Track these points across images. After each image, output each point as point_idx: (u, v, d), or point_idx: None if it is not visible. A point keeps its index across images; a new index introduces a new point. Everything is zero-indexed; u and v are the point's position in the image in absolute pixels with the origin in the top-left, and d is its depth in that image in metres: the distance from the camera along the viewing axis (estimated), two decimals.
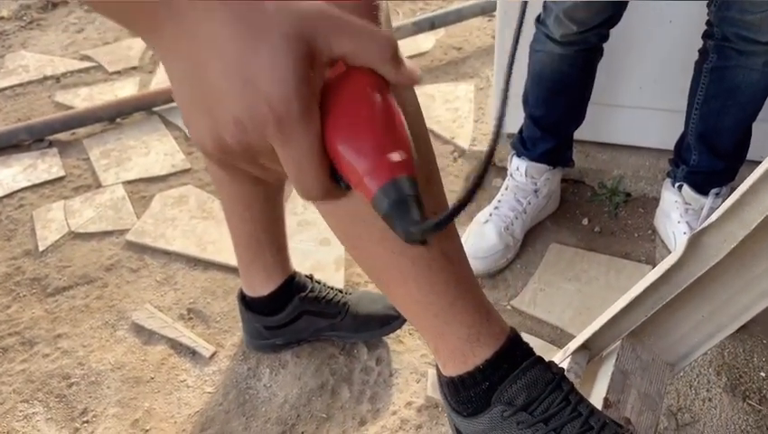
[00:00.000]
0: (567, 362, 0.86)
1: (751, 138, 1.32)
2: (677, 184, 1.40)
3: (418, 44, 2.18)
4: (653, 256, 1.45)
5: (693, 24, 1.32)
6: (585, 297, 1.36)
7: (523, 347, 0.72)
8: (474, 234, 1.42)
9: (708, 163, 1.34)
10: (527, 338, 0.74)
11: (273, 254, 1.14)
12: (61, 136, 1.86)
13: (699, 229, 0.73)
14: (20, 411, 1.20)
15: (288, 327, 1.22)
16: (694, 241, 0.74)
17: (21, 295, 1.41)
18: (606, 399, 0.79)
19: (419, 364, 1.24)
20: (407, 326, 1.28)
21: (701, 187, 1.37)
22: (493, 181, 1.65)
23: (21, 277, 1.45)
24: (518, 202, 1.47)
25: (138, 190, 1.69)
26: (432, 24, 2.14)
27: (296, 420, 1.16)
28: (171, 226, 1.56)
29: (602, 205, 1.59)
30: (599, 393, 0.80)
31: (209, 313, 1.36)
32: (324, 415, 1.17)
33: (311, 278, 1.23)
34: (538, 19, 1.36)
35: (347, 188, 0.40)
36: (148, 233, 1.54)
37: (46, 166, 1.76)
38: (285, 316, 1.20)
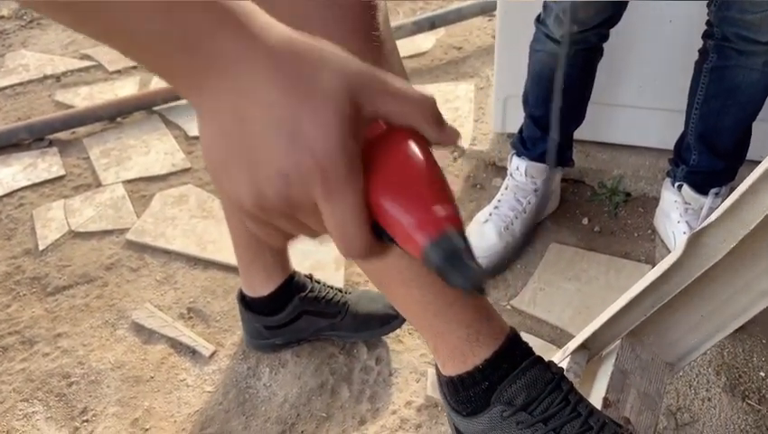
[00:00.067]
0: (567, 361, 0.86)
1: (751, 138, 1.32)
2: (676, 184, 1.40)
3: (418, 44, 2.18)
4: (653, 255, 1.45)
5: (693, 24, 1.32)
6: (585, 297, 1.36)
7: (523, 347, 0.72)
8: (474, 234, 1.42)
9: (708, 162, 1.34)
10: (526, 338, 0.74)
11: (273, 254, 1.15)
12: (62, 135, 1.86)
13: (699, 228, 0.73)
14: (20, 410, 1.20)
15: (288, 327, 1.22)
16: (693, 241, 0.74)
17: (21, 294, 1.42)
18: (606, 398, 0.79)
19: (419, 364, 1.24)
20: (407, 326, 1.28)
21: (701, 187, 1.37)
22: (493, 180, 1.65)
23: (21, 276, 1.45)
24: (518, 201, 1.47)
25: (138, 189, 1.69)
26: (432, 24, 2.14)
27: (296, 420, 1.16)
28: (171, 225, 1.56)
29: (602, 205, 1.59)
30: (598, 393, 0.81)
31: (209, 312, 1.36)
32: (324, 414, 1.17)
33: (310, 278, 1.23)
34: (538, 19, 1.36)
35: (390, 243, 0.40)
36: (148, 232, 1.54)
37: (46, 165, 1.76)
38: (285, 316, 1.20)
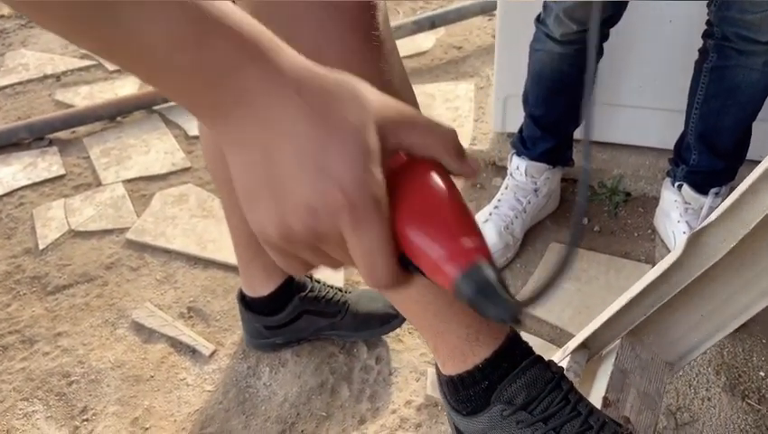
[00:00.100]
0: (567, 361, 0.86)
1: (751, 138, 1.32)
2: (676, 184, 1.40)
3: (419, 43, 2.18)
4: (653, 255, 1.45)
5: (693, 24, 1.32)
6: (585, 297, 1.36)
7: (522, 346, 0.72)
8: None
9: (708, 162, 1.34)
10: (526, 337, 0.74)
11: None
12: (62, 134, 1.86)
13: (699, 228, 0.73)
14: (20, 409, 1.20)
15: (288, 327, 1.22)
16: (693, 241, 0.74)
17: (21, 293, 1.42)
18: (606, 398, 0.79)
19: (419, 363, 1.24)
20: (407, 325, 1.28)
21: (701, 187, 1.37)
22: (493, 180, 1.65)
23: (21, 275, 1.45)
24: (517, 201, 1.47)
25: (138, 188, 1.69)
26: (432, 23, 2.14)
27: (296, 419, 1.17)
28: (171, 225, 1.56)
29: (602, 205, 1.59)
30: (598, 392, 0.81)
31: (209, 311, 1.36)
32: (324, 413, 1.17)
33: (310, 278, 1.23)
34: (538, 18, 1.36)
35: (416, 272, 0.41)
36: (148, 232, 1.55)
37: (46, 165, 1.76)
38: (285, 316, 1.20)
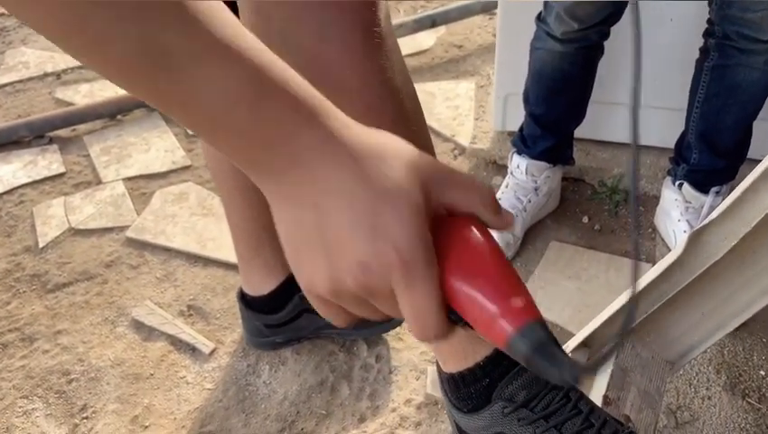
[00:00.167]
0: None
1: (751, 137, 1.32)
2: (677, 183, 1.40)
3: (419, 42, 2.17)
4: (653, 254, 1.45)
5: (694, 23, 1.32)
6: (585, 295, 1.36)
7: None
8: None
9: (709, 161, 1.34)
10: None
11: (273, 252, 1.14)
12: (62, 132, 1.86)
13: (700, 226, 0.73)
14: (19, 407, 1.20)
15: (288, 325, 1.22)
16: (694, 239, 0.74)
17: (21, 291, 1.41)
18: (606, 396, 0.79)
19: (419, 362, 1.24)
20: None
21: (702, 186, 1.37)
22: (493, 179, 1.65)
23: (21, 273, 1.45)
24: (518, 199, 1.47)
25: (138, 186, 1.68)
26: (433, 22, 2.14)
27: (296, 417, 1.16)
28: (171, 223, 1.56)
29: (602, 203, 1.59)
30: (599, 390, 0.80)
31: (209, 309, 1.36)
32: (324, 412, 1.17)
33: None
34: (539, 17, 1.36)
35: (464, 326, 0.42)
36: (148, 230, 1.54)
37: (46, 163, 1.76)
38: (285, 315, 1.20)
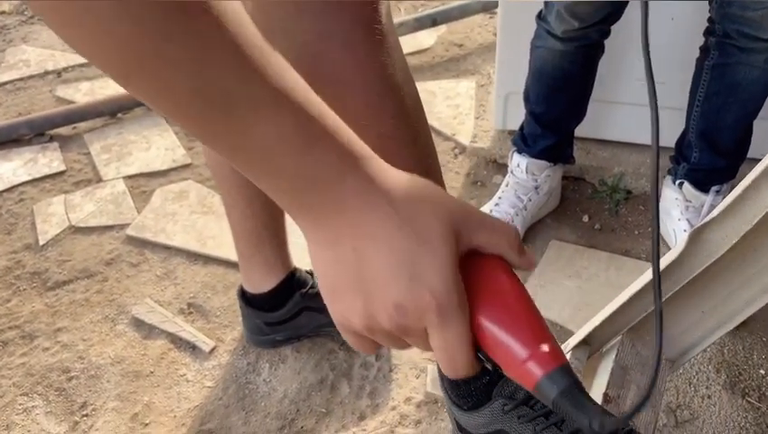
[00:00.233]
0: (568, 357, 0.86)
1: (752, 136, 1.32)
2: (677, 182, 1.40)
3: (420, 41, 2.17)
4: None
5: (694, 21, 1.31)
6: (585, 294, 1.36)
7: None
8: None
9: (709, 160, 1.34)
10: None
11: (273, 249, 1.14)
12: (62, 130, 1.86)
13: (701, 224, 0.73)
14: (19, 405, 1.20)
15: (289, 323, 1.22)
16: (695, 237, 0.74)
17: (21, 288, 1.42)
18: (606, 394, 0.79)
19: (419, 360, 1.24)
20: None
21: (702, 184, 1.37)
22: (494, 178, 1.65)
23: (21, 270, 1.45)
24: (518, 198, 1.47)
25: (139, 184, 1.68)
26: (433, 21, 2.14)
27: (296, 415, 1.17)
28: (171, 221, 1.56)
29: (602, 202, 1.59)
30: (599, 389, 0.80)
31: (209, 307, 1.36)
32: (324, 410, 1.17)
33: (312, 274, 1.23)
34: (539, 15, 1.36)
35: (491, 364, 0.43)
36: (149, 228, 1.54)
37: (47, 161, 1.76)
38: (285, 313, 1.20)
